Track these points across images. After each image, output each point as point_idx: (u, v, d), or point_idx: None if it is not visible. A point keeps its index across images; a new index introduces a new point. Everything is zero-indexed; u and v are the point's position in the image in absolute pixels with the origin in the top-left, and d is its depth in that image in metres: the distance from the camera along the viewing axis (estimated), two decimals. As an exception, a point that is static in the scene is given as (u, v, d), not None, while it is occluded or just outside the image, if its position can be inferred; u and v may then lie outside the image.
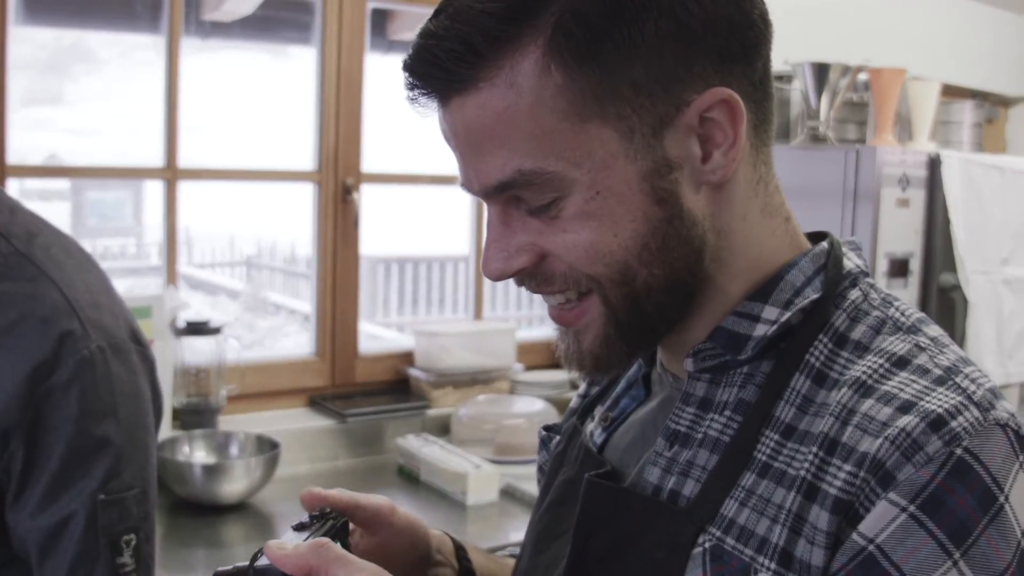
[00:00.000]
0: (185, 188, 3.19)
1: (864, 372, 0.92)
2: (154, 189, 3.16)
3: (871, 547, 0.85)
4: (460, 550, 1.24)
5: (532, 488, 2.89)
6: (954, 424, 0.85)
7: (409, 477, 3.06)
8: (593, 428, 1.17)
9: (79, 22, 3.52)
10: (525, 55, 0.89)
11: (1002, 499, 0.84)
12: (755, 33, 0.95)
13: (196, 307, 2.69)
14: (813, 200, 3.18)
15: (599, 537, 1.01)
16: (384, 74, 3.65)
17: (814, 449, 0.90)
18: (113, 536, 1.43)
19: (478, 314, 3.94)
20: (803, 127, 3.33)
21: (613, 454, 1.11)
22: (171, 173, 3.14)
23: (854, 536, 0.86)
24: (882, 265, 3.10)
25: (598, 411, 1.20)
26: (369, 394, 3.49)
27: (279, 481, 2.91)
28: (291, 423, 3.22)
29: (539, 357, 3.90)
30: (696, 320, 1.01)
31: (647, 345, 1.03)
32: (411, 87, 0.95)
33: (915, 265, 3.22)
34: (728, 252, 0.98)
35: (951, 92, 4.23)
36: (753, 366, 0.98)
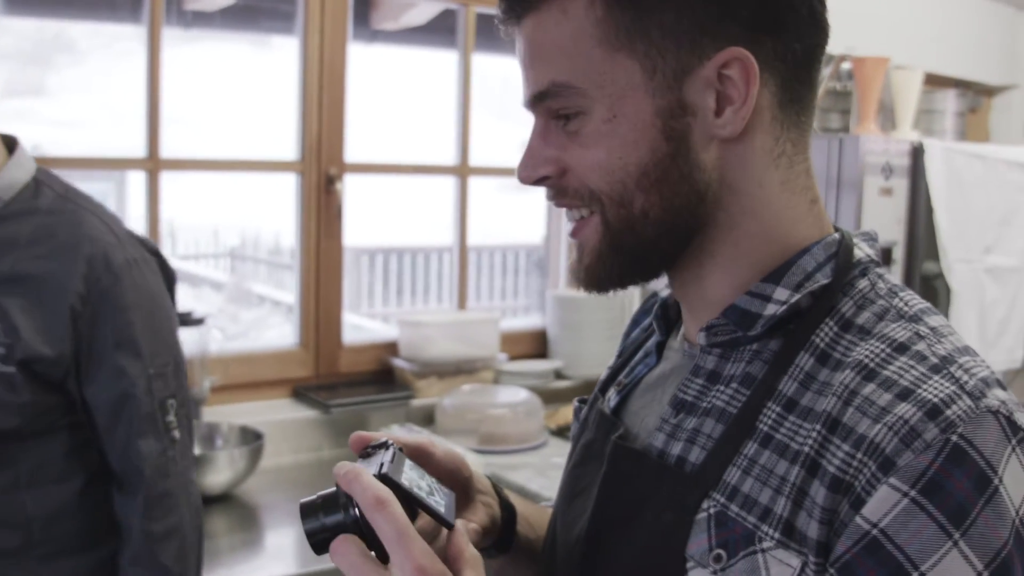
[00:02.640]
0: (168, 179, 3.18)
1: (867, 355, 0.97)
2: (137, 180, 3.15)
3: (875, 531, 0.89)
4: (497, 488, 1.30)
5: (517, 477, 2.89)
6: (949, 412, 0.90)
7: (393, 467, 3.04)
8: (610, 394, 1.24)
9: (61, 13, 3.51)
10: None
11: (996, 481, 0.88)
12: (792, 14, 1.01)
13: (179, 298, 2.69)
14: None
15: (618, 498, 1.10)
16: (367, 64, 3.64)
17: (817, 427, 0.95)
18: (161, 400, 1.87)
19: (462, 304, 3.93)
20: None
21: (627, 417, 1.18)
22: (153, 164, 3.12)
23: (858, 520, 0.90)
24: (865, 254, 3.10)
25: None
26: (353, 384, 3.48)
27: (263, 472, 2.91)
28: (275, 414, 3.21)
29: (523, 347, 3.91)
30: (715, 284, 1.08)
31: (639, 272, 1.10)
32: (502, 9, 1.08)
33: (898, 253, 3.23)
34: (739, 209, 1.05)
35: (934, 81, 4.24)
36: (762, 344, 1.05)
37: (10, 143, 1.92)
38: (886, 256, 3.18)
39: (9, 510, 1.78)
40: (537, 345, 3.97)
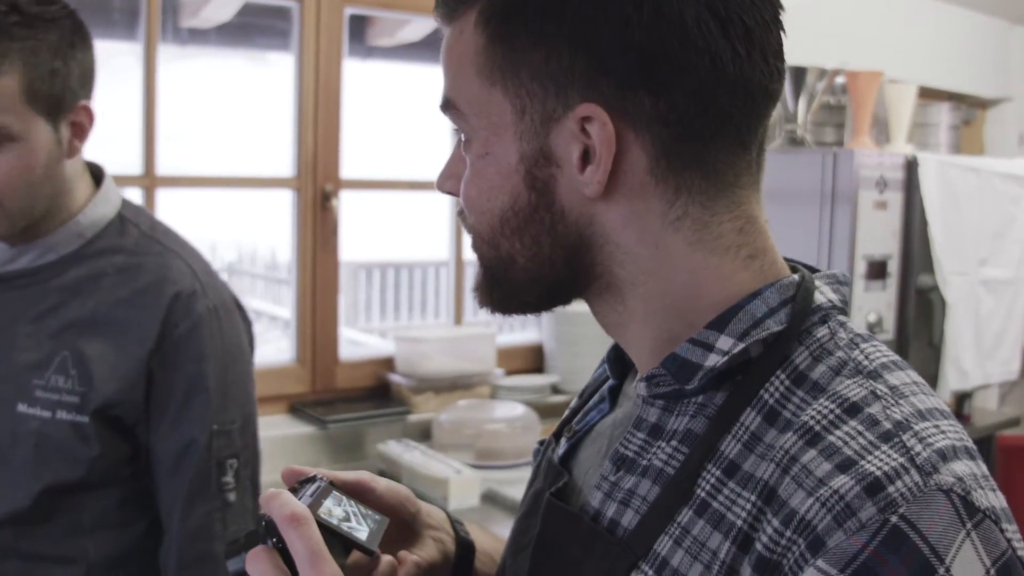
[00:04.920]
0: (165, 195, 3.19)
1: (814, 417, 0.88)
2: (133, 197, 3.15)
3: None
4: (457, 523, 1.24)
5: (513, 493, 2.89)
6: (891, 489, 0.80)
7: (390, 483, 3.04)
8: (562, 440, 1.17)
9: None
10: (472, 11, 0.97)
11: (942, 571, 0.78)
12: (680, 73, 0.90)
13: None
14: (791, 203, 3.19)
15: (552, 560, 1.02)
16: (363, 80, 3.64)
17: (752, 497, 0.87)
18: (220, 459, 1.78)
19: (459, 319, 3.94)
20: (781, 130, 3.35)
21: (576, 467, 1.10)
22: (149, 180, 3.13)
23: None
24: (860, 267, 3.11)
25: None
26: (350, 400, 3.48)
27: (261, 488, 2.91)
28: (272, 430, 3.20)
29: (520, 362, 3.91)
30: (639, 335, 1.00)
31: (517, 307, 1.05)
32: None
33: (893, 267, 3.24)
34: (637, 269, 0.96)
35: (928, 94, 4.26)
36: (708, 396, 0.95)
37: (97, 174, 1.86)
38: (881, 270, 3.18)
39: (72, 552, 1.75)
40: (534, 360, 3.97)
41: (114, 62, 3.44)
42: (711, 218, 0.95)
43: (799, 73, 3.25)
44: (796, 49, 0.99)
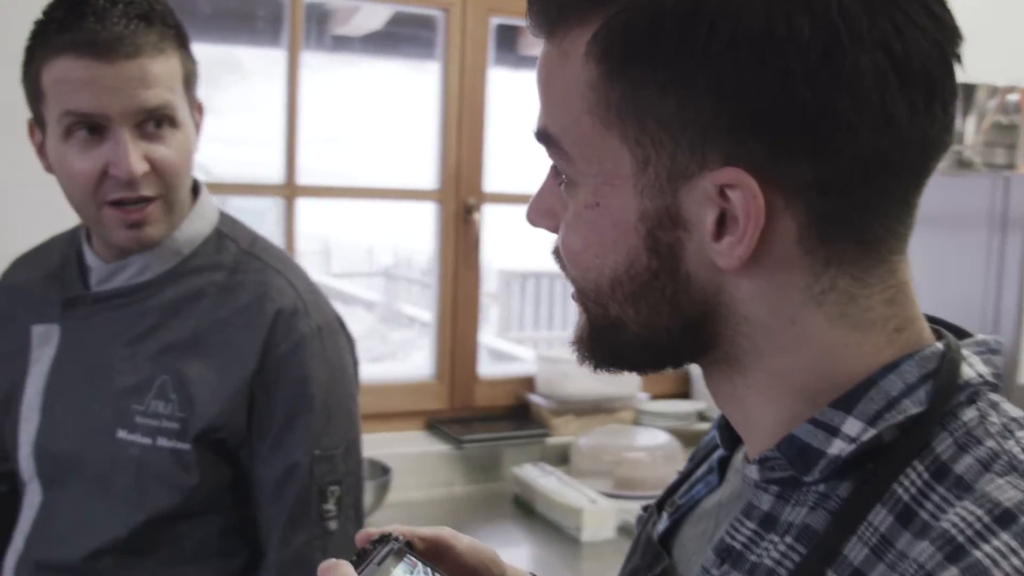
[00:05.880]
0: (307, 200, 3.21)
1: (956, 524, 0.73)
2: (274, 207, 3.17)
3: None
4: None
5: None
6: None
7: (524, 508, 2.97)
8: (663, 514, 1.04)
9: (229, 37, 3.58)
10: (582, 33, 0.82)
11: None
12: (846, 130, 0.76)
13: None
14: (957, 230, 3.02)
15: None
16: (513, 90, 3.58)
17: None
18: (321, 486, 1.72)
19: (604, 338, 3.84)
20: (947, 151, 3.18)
21: (677, 548, 0.98)
22: (290, 190, 3.12)
23: None
24: (1032, 304, 2.93)
25: None
26: (488, 419, 3.42)
27: (391, 506, 2.86)
28: (406, 447, 3.18)
29: (666, 385, 3.78)
30: (756, 411, 0.87)
31: (622, 366, 0.91)
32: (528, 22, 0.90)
33: (1067, 303, 3.04)
34: (766, 342, 0.83)
35: (1111, 113, 4.02)
36: (830, 486, 0.81)
37: (194, 188, 1.80)
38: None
39: None
40: (680, 383, 3.83)
41: (257, 66, 3.46)
42: (861, 290, 0.81)
43: (968, 91, 3.08)
44: (965, 65, 0.83)
